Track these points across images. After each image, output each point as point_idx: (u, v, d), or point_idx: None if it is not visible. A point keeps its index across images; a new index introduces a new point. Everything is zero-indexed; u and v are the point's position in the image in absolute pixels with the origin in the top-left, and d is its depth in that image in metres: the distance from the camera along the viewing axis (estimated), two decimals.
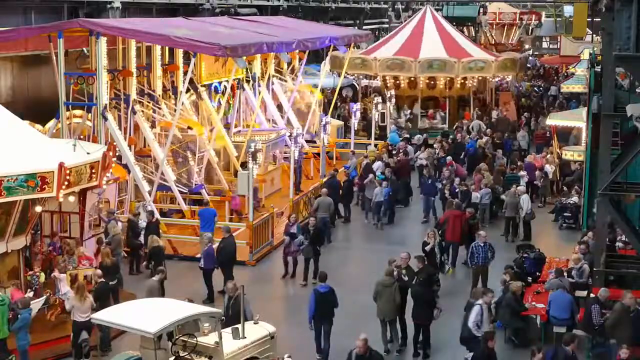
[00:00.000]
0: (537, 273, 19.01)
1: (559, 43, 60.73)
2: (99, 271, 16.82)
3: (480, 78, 39.32)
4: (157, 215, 22.22)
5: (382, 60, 37.77)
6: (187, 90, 25.89)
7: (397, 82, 38.78)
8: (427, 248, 19.38)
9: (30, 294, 16.57)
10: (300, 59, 34.03)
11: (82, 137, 22.67)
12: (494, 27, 66.33)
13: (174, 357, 13.33)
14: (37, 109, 24.90)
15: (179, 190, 23.74)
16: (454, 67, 37.26)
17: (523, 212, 23.77)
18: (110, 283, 17.13)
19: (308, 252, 20.37)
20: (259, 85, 31.15)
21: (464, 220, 21.42)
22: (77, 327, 15.28)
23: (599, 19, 28.61)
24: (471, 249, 19.07)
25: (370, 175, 26.14)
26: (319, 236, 20.92)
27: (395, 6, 66.40)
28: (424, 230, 23.78)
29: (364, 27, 54.64)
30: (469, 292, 17.78)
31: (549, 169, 28.20)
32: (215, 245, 19.46)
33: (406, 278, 16.72)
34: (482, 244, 19.03)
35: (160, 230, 21.39)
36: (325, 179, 26.65)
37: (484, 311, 15.24)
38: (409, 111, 38.79)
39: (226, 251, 19.34)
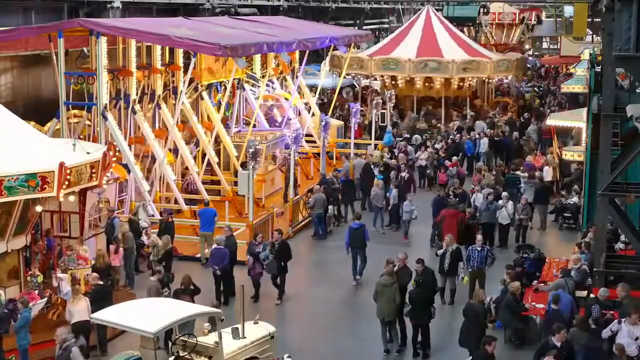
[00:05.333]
0: (537, 273, 18.98)
1: (559, 43, 60.62)
2: (94, 274, 16.70)
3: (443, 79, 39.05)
4: (156, 214, 22.19)
5: (345, 58, 38.09)
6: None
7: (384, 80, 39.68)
8: (439, 252, 18.98)
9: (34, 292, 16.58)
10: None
11: (82, 136, 22.69)
12: (494, 27, 66.23)
13: (173, 357, 13.34)
14: (37, 109, 24.88)
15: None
16: (405, 66, 38.02)
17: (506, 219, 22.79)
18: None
19: (271, 268, 18.86)
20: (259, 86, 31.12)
21: (459, 219, 21.33)
22: (74, 328, 15.26)
23: (599, 19, 28.66)
24: (467, 253, 18.80)
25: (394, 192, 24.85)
26: (285, 252, 19.09)
27: (396, 6, 66.36)
28: (424, 230, 23.78)
29: (364, 27, 54.57)
30: (468, 294, 17.84)
31: (547, 170, 27.95)
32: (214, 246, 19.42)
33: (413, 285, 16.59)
34: (478, 249, 18.65)
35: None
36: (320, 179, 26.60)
37: None
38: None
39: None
